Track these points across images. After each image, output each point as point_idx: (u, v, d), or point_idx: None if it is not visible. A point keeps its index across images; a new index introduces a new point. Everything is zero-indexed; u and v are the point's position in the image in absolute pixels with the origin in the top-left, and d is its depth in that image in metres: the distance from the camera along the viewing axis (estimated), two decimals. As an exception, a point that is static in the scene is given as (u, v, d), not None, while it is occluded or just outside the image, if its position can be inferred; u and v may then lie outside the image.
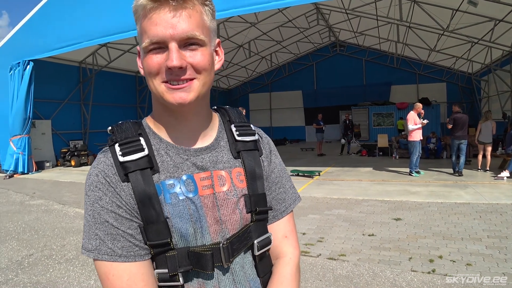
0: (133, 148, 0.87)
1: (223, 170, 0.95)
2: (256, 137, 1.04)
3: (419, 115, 10.20)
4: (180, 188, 0.88)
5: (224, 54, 0.99)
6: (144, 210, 0.84)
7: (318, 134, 16.83)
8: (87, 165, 15.74)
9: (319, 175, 10.71)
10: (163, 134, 0.93)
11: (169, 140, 0.92)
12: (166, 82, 0.83)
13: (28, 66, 13.89)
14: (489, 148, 10.30)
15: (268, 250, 1.02)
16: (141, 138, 0.89)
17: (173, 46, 0.80)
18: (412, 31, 16.36)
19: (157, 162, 0.89)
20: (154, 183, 0.86)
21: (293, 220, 1.09)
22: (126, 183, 0.85)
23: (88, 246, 0.84)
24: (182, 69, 0.82)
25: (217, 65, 0.94)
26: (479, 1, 9.94)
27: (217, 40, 0.94)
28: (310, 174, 10.62)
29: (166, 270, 0.86)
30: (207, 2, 0.86)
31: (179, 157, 0.91)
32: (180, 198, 0.88)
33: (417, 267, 4.07)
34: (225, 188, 0.93)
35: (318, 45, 25.46)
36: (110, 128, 0.92)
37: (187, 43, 0.82)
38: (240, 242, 0.94)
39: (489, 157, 10.34)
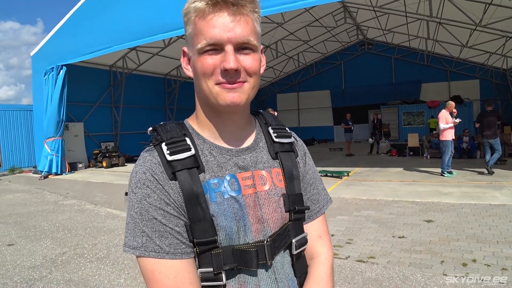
0: (180, 148, 0.89)
1: (264, 170, 0.98)
2: (292, 139, 1.08)
3: (451, 113, 9.89)
4: (224, 187, 0.91)
5: None
6: (191, 208, 0.86)
7: (347, 134, 16.64)
8: (118, 166, 16.11)
9: (348, 175, 10.57)
10: (206, 134, 0.96)
11: (212, 140, 0.96)
12: (219, 84, 0.86)
13: (61, 71, 14.37)
14: None
15: (304, 250, 1.04)
16: (187, 138, 0.92)
17: (229, 48, 0.83)
18: (443, 27, 15.87)
19: (202, 161, 0.91)
20: (201, 182, 0.88)
21: (326, 221, 1.13)
22: (173, 182, 0.87)
23: (133, 243, 0.84)
24: (237, 72, 0.85)
25: (261, 70, 0.97)
26: (514, -6, 9.56)
27: (261, 46, 0.96)
28: (338, 175, 10.49)
29: (211, 269, 0.87)
30: (257, 10, 0.89)
31: (222, 157, 0.94)
32: (225, 197, 0.90)
33: (449, 271, 3.94)
34: (266, 188, 0.96)
35: (345, 44, 25.12)
36: (151, 128, 0.95)
37: (241, 47, 0.85)
38: (280, 240, 0.96)
39: None
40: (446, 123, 9.63)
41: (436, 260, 4.24)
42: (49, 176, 14.11)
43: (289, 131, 1.09)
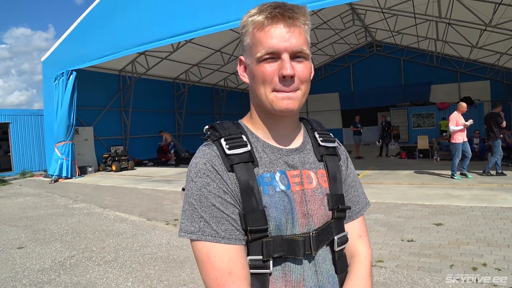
0: (237, 143, 0.97)
1: (310, 170, 1.06)
2: (336, 144, 1.18)
3: (463, 115, 9.78)
4: (276, 181, 0.99)
5: None
6: (247, 199, 0.93)
7: (356, 137, 16.56)
8: (127, 169, 16.20)
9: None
10: (259, 134, 1.05)
11: (264, 139, 1.04)
12: (275, 91, 0.95)
13: (71, 76, 14.54)
14: None
15: (344, 248, 1.11)
16: (243, 136, 1.01)
17: (286, 57, 0.93)
18: (452, 27, 15.73)
19: (256, 157, 1.00)
20: (255, 175, 0.96)
21: (364, 222, 1.21)
22: (231, 173, 0.95)
23: (190, 228, 0.91)
24: (292, 78, 0.94)
25: (311, 76, 1.04)
26: (524, -6, 9.44)
27: (310, 55, 1.03)
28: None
29: (260, 257, 0.93)
30: (308, 22, 0.98)
31: (274, 155, 1.03)
32: (276, 190, 0.97)
33: (459, 275, 3.88)
34: (313, 186, 1.04)
35: (354, 46, 25.03)
36: (207, 127, 1.04)
37: (295, 56, 0.94)
38: (324, 235, 1.02)
39: None
40: (457, 125, 9.53)
41: (446, 264, 4.19)
42: (59, 180, 14.25)
43: (333, 136, 1.19)
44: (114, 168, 15.96)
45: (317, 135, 1.14)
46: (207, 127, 1.04)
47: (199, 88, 23.47)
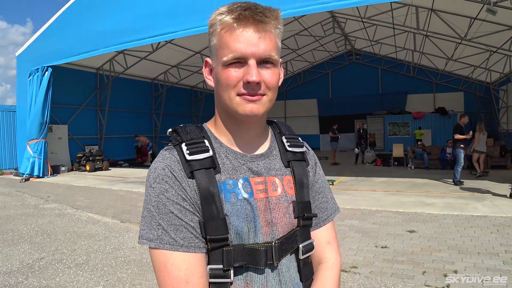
0: (199, 149, 0.94)
1: (276, 177, 1.03)
2: (304, 149, 1.14)
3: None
4: (238, 189, 0.95)
5: None
6: (206, 206, 0.90)
7: (333, 143, 16.74)
8: (101, 170, 15.90)
9: (333, 184, 10.60)
10: (223, 139, 1.01)
11: (228, 145, 1.01)
12: (240, 95, 0.91)
13: (47, 72, 14.20)
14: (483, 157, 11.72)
15: (310, 255, 1.08)
16: (205, 141, 0.97)
17: (253, 63, 0.89)
18: (429, 39, 16.15)
19: (219, 163, 0.96)
20: (217, 182, 0.93)
21: (334, 228, 1.18)
22: (191, 180, 0.91)
23: (149, 235, 0.88)
24: (258, 85, 0.90)
25: (279, 82, 1.01)
26: (498, 10, 9.76)
27: (281, 60, 1.01)
28: (323, 183, 10.50)
29: (221, 266, 0.90)
30: (279, 26, 0.95)
31: (237, 161, 0.99)
32: (239, 198, 0.94)
33: (431, 281, 3.95)
34: (277, 193, 1.01)
35: (333, 53, 25.37)
36: (170, 130, 1.00)
37: (263, 61, 0.91)
38: (288, 244, 1.00)
39: (482, 164, 11.86)
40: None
41: (418, 271, 4.25)
42: (30, 179, 13.85)
43: (301, 141, 1.15)
44: (88, 168, 15.62)
45: (284, 140, 1.10)
46: (170, 130, 1.00)
47: (178, 90, 23.29)
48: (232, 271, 0.91)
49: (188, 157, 0.92)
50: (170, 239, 0.87)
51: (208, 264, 0.91)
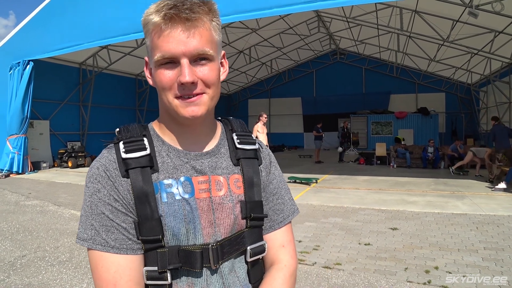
0: (136, 147, 0.91)
1: (221, 175, 0.98)
2: (257, 146, 1.08)
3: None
4: (177, 188, 0.92)
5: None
6: (140, 207, 0.88)
7: (317, 142, 16.86)
8: (84, 166, 15.68)
9: (317, 182, 10.68)
10: (167, 138, 0.98)
11: (171, 143, 0.97)
12: (178, 97, 0.88)
13: (28, 66, 13.87)
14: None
15: (261, 258, 1.04)
16: (145, 139, 0.94)
17: (185, 62, 0.85)
18: (412, 40, 16.41)
19: (158, 162, 0.93)
20: (153, 181, 0.90)
21: (291, 231, 1.12)
22: (125, 179, 0.89)
23: (83, 235, 0.87)
24: (193, 84, 0.87)
25: (222, 76, 0.99)
26: (479, 13, 9.98)
27: (223, 52, 0.99)
28: (307, 182, 10.59)
29: (156, 268, 0.88)
30: (215, 19, 0.91)
31: (179, 160, 0.95)
32: (176, 198, 0.91)
33: (413, 277, 4.04)
34: (221, 193, 0.97)
35: (318, 52, 25.51)
36: (118, 129, 0.97)
37: (197, 58, 0.87)
38: (231, 246, 0.96)
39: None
40: None
41: (400, 267, 4.34)
42: (10, 175, 13.56)
43: (254, 138, 1.09)
44: (70, 164, 15.39)
45: (235, 137, 1.05)
46: (117, 129, 0.97)
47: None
48: (169, 274, 0.89)
49: (124, 155, 0.89)
50: (102, 240, 0.86)
51: (145, 265, 0.89)
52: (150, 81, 0.97)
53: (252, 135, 1.10)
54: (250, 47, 21.14)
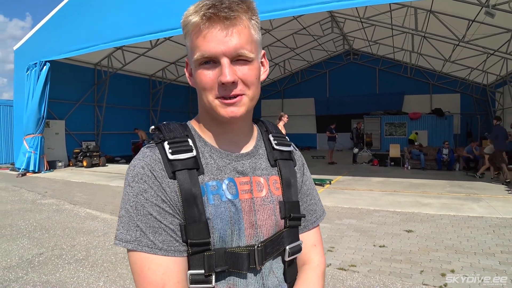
0: (182, 148, 0.90)
1: (261, 176, 1.00)
2: (292, 148, 1.10)
3: None
4: (222, 190, 0.92)
5: None
6: (188, 209, 0.86)
7: (330, 143, 16.77)
8: (98, 166, 15.87)
9: (330, 183, 10.64)
10: (207, 138, 0.98)
11: (213, 144, 0.97)
12: (218, 97, 0.88)
13: (45, 67, 14.13)
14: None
15: (296, 257, 1.06)
16: (189, 140, 0.93)
17: (225, 61, 0.85)
18: (427, 41, 16.22)
19: (202, 164, 0.92)
20: (199, 183, 0.89)
21: (320, 231, 1.16)
22: (172, 180, 0.87)
23: (126, 237, 0.85)
24: (234, 84, 0.86)
25: (263, 76, 0.99)
26: (496, 13, 9.83)
27: (263, 51, 0.98)
28: (321, 183, 10.55)
29: (202, 271, 0.87)
30: (254, 17, 0.90)
31: (222, 161, 0.95)
32: (223, 199, 0.91)
33: (428, 280, 4.00)
34: (262, 194, 0.98)
35: (331, 53, 25.39)
36: (153, 127, 0.96)
37: (237, 58, 0.87)
38: (273, 246, 0.97)
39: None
40: None
41: (416, 270, 4.30)
42: (27, 174, 13.80)
43: (289, 140, 1.11)
44: (85, 163, 15.59)
45: (271, 138, 1.07)
46: (152, 127, 0.96)
47: (176, 87, 23.24)
48: (213, 276, 0.88)
49: (170, 157, 0.88)
50: (149, 242, 0.84)
51: (189, 269, 0.88)
52: (191, 82, 0.97)
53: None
54: (263, 48, 21.11)
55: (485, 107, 21.41)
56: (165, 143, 0.90)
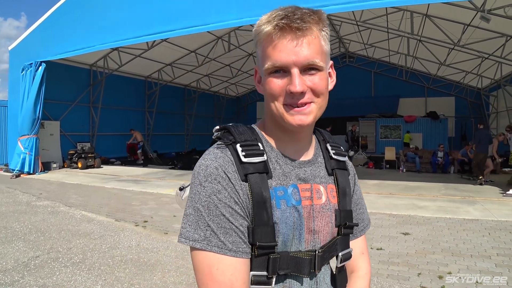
0: (254, 152, 0.92)
1: (321, 184, 1.03)
2: (346, 158, 1.14)
3: None
4: (288, 195, 0.94)
5: (234, 62, 1.05)
6: (258, 212, 0.88)
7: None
8: (93, 167, 15.78)
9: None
10: (273, 143, 1.00)
11: (279, 150, 1.00)
12: (286, 104, 0.90)
13: (40, 67, 14.05)
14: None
15: (345, 264, 1.10)
16: (260, 144, 0.95)
17: (295, 71, 0.87)
18: (423, 44, 16.31)
19: (271, 168, 0.95)
20: (269, 188, 0.91)
21: (366, 239, 1.22)
22: (244, 183, 0.89)
23: (193, 235, 0.86)
24: (302, 93, 0.88)
25: (330, 86, 1.00)
26: (491, 17, 9.91)
27: (331, 62, 1.00)
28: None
29: (265, 272, 0.89)
30: (324, 28, 0.92)
31: (287, 167, 0.98)
32: (288, 205, 0.93)
33: (426, 283, 4.02)
34: (322, 202, 1.01)
35: (327, 55, 25.43)
36: (218, 127, 0.98)
37: (307, 68, 0.89)
38: (329, 252, 1.01)
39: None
40: None
41: (413, 272, 4.32)
42: (21, 175, 13.70)
43: (344, 150, 1.14)
44: (80, 165, 15.51)
45: (329, 147, 1.10)
46: (217, 127, 0.98)
47: (171, 88, 23.18)
48: (274, 279, 0.90)
49: (244, 159, 0.90)
50: (219, 242, 0.85)
51: (252, 270, 0.89)
52: (259, 89, 1.00)
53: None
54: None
55: (479, 111, 21.57)
56: (238, 146, 0.92)
